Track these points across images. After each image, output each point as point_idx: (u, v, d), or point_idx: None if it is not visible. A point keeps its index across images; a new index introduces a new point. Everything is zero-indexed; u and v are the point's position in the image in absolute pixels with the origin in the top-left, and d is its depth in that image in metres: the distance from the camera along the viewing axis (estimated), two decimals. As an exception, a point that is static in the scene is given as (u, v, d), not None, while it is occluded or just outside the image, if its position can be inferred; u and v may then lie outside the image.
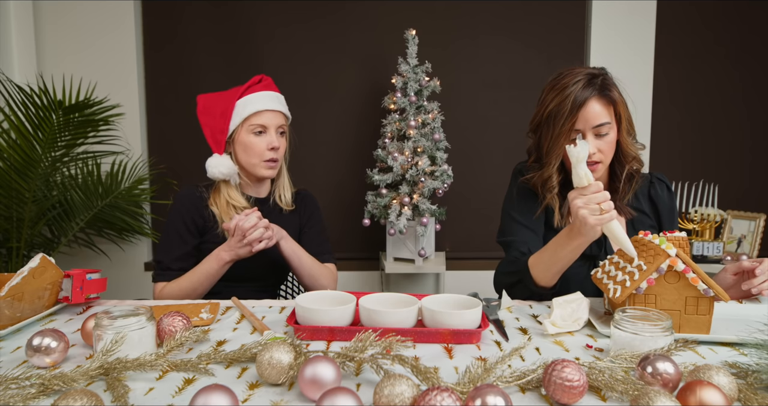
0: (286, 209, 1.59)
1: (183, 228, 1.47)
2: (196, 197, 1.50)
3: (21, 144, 2.13)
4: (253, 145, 1.47)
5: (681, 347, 0.83)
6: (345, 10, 2.67)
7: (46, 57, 2.58)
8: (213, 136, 1.49)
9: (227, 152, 1.51)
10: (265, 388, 0.77)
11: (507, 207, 1.42)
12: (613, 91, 1.26)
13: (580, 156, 1.04)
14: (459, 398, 0.65)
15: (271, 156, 1.48)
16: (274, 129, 1.49)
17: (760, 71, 2.76)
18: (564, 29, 2.71)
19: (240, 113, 1.47)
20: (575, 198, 1.07)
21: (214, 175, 1.48)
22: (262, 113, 1.47)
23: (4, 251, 2.30)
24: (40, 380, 0.74)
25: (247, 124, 1.47)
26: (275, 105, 1.50)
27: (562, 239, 1.16)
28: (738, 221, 2.60)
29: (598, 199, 1.05)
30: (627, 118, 1.29)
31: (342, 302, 1.06)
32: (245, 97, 1.48)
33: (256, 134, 1.47)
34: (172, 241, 1.47)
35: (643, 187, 1.41)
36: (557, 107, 1.24)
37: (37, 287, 1.07)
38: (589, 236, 1.09)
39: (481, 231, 2.73)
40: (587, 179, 1.05)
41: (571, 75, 1.25)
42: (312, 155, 2.72)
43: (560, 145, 1.25)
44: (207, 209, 1.49)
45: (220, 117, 1.48)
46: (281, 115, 1.52)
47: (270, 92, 1.52)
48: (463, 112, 2.71)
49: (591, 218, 1.04)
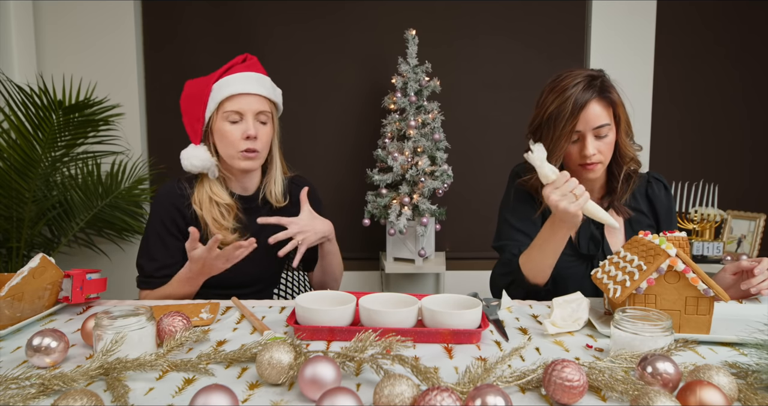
0: (277, 205, 1.43)
1: (164, 231, 1.34)
2: (176, 195, 1.36)
3: (21, 144, 2.13)
4: (227, 135, 1.30)
5: (681, 347, 0.83)
6: (345, 10, 2.67)
7: (46, 57, 2.58)
8: (191, 124, 1.36)
9: (205, 143, 1.36)
10: (265, 388, 0.77)
11: (503, 211, 1.42)
12: (613, 93, 1.27)
13: (541, 157, 1.11)
14: (459, 398, 0.65)
15: (248, 146, 1.30)
16: (251, 115, 1.31)
17: (760, 71, 2.76)
18: (564, 29, 2.71)
19: (215, 98, 1.31)
20: (551, 194, 1.12)
21: (188, 168, 1.35)
22: (238, 98, 1.30)
23: (4, 251, 2.30)
24: (40, 380, 0.74)
25: (221, 111, 1.30)
26: (254, 88, 1.31)
27: (546, 234, 1.20)
28: (738, 220, 2.60)
29: (570, 187, 1.10)
30: (625, 119, 1.30)
31: (342, 302, 1.06)
32: (221, 80, 1.32)
33: (231, 122, 1.31)
34: (153, 245, 1.34)
35: (641, 187, 1.41)
36: (558, 109, 1.24)
37: (37, 287, 1.07)
38: (572, 223, 1.14)
39: (481, 231, 2.73)
40: (554, 174, 1.11)
41: (571, 77, 1.26)
42: (312, 155, 2.72)
43: (560, 147, 1.26)
44: (189, 209, 1.35)
45: (197, 103, 1.33)
46: (262, 100, 1.33)
47: (250, 73, 1.34)
48: (463, 112, 2.71)
49: (571, 206, 1.09)
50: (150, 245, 1.35)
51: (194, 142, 1.36)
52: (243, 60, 1.39)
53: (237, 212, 1.39)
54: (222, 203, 1.36)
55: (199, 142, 1.36)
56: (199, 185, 1.38)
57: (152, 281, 1.33)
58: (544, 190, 1.13)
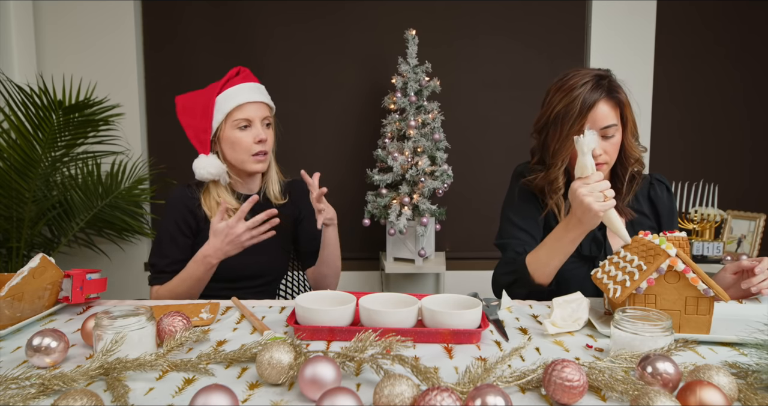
0: (276, 202, 1.55)
1: (176, 230, 1.44)
2: (188, 198, 1.46)
3: (21, 144, 2.13)
4: (239, 141, 1.42)
5: (681, 347, 0.83)
6: (345, 10, 2.67)
7: (46, 57, 2.58)
8: (197, 136, 1.45)
9: (213, 151, 1.46)
10: (265, 388, 0.77)
11: (506, 209, 1.41)
12: (621, 94, 1.26)
13: (589, 145, 1.07)
14: (459, 398, 0.65)
15: (260, 149, 1.43)
16: (259, 121, 1.43)
17: (760, 71, 2.76)
18: (564, 29, 2.71)
19: (222, 109, 1.42)
20: (579, 187, 1.09)
21: (203, 177, 1.44)
22: (245, 106, 1.42)
23: (4, 251, 2.30)
24: (40, 380, 0.74)
25: (230, 120, 1.42)
26: (257, 96, 1.44)
27: (559, 232, 1.18)
28: (738, 221, 2.60)
29: (601, 187, 1.08)
30: (632, 120, 1.29)
31: (342, 302, 1.06)
32: (225, 92, 1.42)
33: (241, 129, 1.42)
34: (165, 244, 1.44)
35: (643, 189, 1.41)
36: (565, 109, 1.23)
37: (37, 287, 1.07)
38: (589, 224, 1.11)
39: (481, 231, 2.73)
40: (591, 169, 1.08)
41: (578, 76, 1.25)
42: (312, 155, 2.72)
43: (567, 146, 1.25)
44: (200, 209, 1.46)
45: (202, 116, 1.43)
46: (265, 107, 1.46)
47: (250, 84, 1.46)
48: (463, 112, 2.71)
49: (596, 204, 1.07)
50: (162, 244, 1.44)
51: (203, 153, 1.45)
52: (237, 73, 1.48)
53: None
54: (230, 208, 1.44)
55: (209, 152, 1.45)
56: (205, 192, 1.47)
57: (162, 276, 1.41)
58: (573, 183, 1.11)
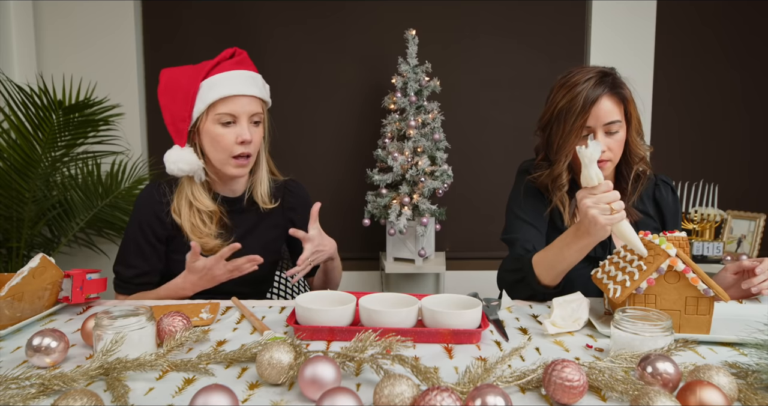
0: (264, 206, 1.36)
1: (140, 237, 1.28)
2: (155, 201, 1.29)
3: (21, 144, 2.13)
4: (219, 138, 1.22)
5: (681, 347, 0.83)
6: (345, 10, 2.67)
7: (46, 57, 2.58)
8: (174, 123, 1.24)
9: (191, 144, 1.26)
10: (265, 388, 0.77)
11: (512, 205, 1.40)
12: (625, 90, 1.26)
13: (592, 157, 1.03)
14: (459, 398, 0.65)
15: (242, 151, 1.23)
16: (245, 118, 1.22)
17: (760, 71, 2.76)
18: (564, 29, 2.71)
19: (204, 98, 1.20)
20: (584, 197, 1.05)
21: (174, 172, 1.25)
22: (231, 99, 1.20)
23: (4, 251, 2.30)
24: (40, 380, 0.74)
25: (212, 113, 1.21)
26: (247, 88, 1.22)
27: (568, 238, 1.14)
28: (738, 221, 2.60)
29: (608, 198, 1.03)
30: (637, 117, 1.28)
31: (342, 302, 1.06)
32: (211, 78, 1.21)
33: (223, 125, 1.22)
34: (130, 253, 1.30)
35: (648, 189, 1.39)
36: (568, 104, 1.23)
37: (37, 287, 1.07)
38: (597, 236, 1.07)
39: (482, 231, 2.73)
40: (597, 179, 1.04)
41: (582, 73, 1.25)
42: (312, 155, 2.72)
43: (570, 142, 1.24)
44: (168, 216, 1.28)
45: (183, 101, 1.21)
46: (256, 101, 1.25)
47: (243, 71, 1.24)
48: (463, 112, 2.71)
49: (601, 217, 1.02)
50: (127, 251, 1.32)
51: (179, 144, 1.26)
52: (231, 55, 1.28)
53: (222, 216, 1.33)
54: (204, 211, 1.29)
55: (185, 144, 1.26)
56: (179, 190, 1.30)
57: (129, 287, 1.32)
58: (578, 193, 1.08)
